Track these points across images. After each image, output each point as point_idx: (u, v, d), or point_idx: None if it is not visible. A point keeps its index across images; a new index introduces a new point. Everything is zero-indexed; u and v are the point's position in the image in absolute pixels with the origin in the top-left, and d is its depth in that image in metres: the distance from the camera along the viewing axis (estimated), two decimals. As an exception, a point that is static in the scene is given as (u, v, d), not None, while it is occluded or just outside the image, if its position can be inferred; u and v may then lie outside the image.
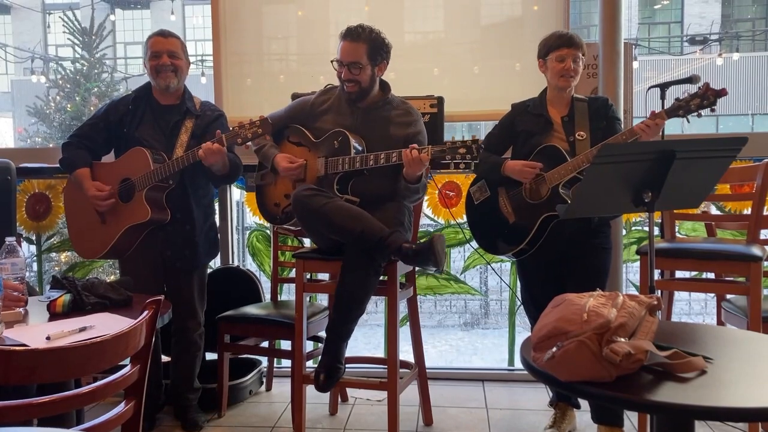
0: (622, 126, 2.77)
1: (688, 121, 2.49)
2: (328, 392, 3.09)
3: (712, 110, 2.46)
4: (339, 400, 3.18)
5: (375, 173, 2.66)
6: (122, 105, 2.93)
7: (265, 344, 3.32)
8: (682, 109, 2.46)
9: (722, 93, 2.42)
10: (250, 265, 3.76)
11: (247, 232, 3.88)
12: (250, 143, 2.73)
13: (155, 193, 2.75)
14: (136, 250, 2.85)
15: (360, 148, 2.69)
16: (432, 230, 3.56)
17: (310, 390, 2.77)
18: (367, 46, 2.67)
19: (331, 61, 2.73)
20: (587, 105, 2.74)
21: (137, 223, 2.75)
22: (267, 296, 3.43)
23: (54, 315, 2.04)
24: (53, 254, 3.25)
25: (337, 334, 2.59)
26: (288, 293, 3.81)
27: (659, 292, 2.83)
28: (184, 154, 2.71)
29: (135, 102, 2.91)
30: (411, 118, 2.77)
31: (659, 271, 2.90)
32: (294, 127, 2.87)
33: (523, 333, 3.48)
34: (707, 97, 2.43)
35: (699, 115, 2.46)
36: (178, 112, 2.87)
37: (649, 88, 2.79)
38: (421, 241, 2.53)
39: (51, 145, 11.38)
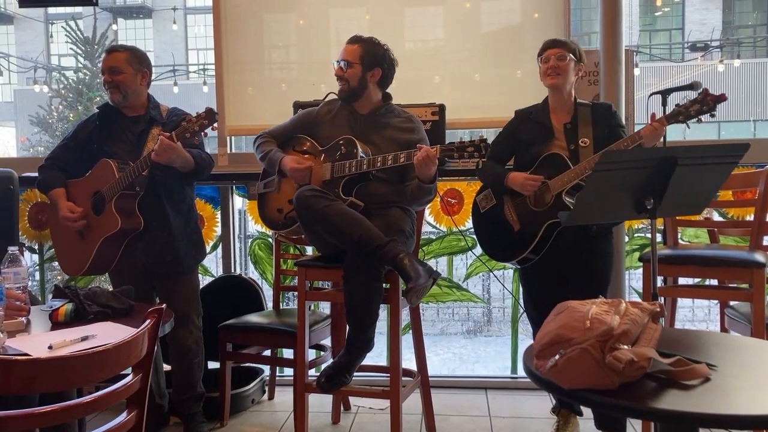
0: (626, 132, 2.77)
1: (688, 127, 2.51)
2: (331, 400, 3.10)
3: (712, 115, 2.47)
4: (341, 408, 3.18)
5: (380, 179, 2.67)
6: (89, 123, 2.98)
7: (267, 353, 3.31)
8: (682, 114, 2.48)
9: (721, 98, 2.44)
10: (252, 274, 3.76)
11: (249, 241, 3.88)
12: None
13: (124, 201, 2.75)
14: (121, 263, 2.85)
15: (366, 154, 2.70)
16: (434, 237, 3.56)
17: (312, 399, 2.77)
18: (361, 49, 2.77)
19: (333, 63, 2.82)
20: (590, 110, 2.74)
21: (110, 234, 2.74)
22: (269, 304, 3.42)
23: (56, 324, 2.04)
24: (56, 263, 3.25)
25: (355, 345, 2.59)
26: (290, 301, 3.81)
27: (662, 298, 2.82)
28: (141, 158, 2.71)
29: (101, 117, 2.94)
30: (413, 124, 2.82)
31: (662, 277, 2.89)
32: (300, 137, 2.89)
33: (526, 340, 3.48)
34: (706, 103, 2.45)
35: (699, 121, 2.48)
36: (143, 121, 2.89)
37: (651, 95, 2.79)
38: (423, 264, 2.55)
39: (53, 155, 11.36)
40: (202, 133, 2.71)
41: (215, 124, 2.70)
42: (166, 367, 3.07)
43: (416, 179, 2.61)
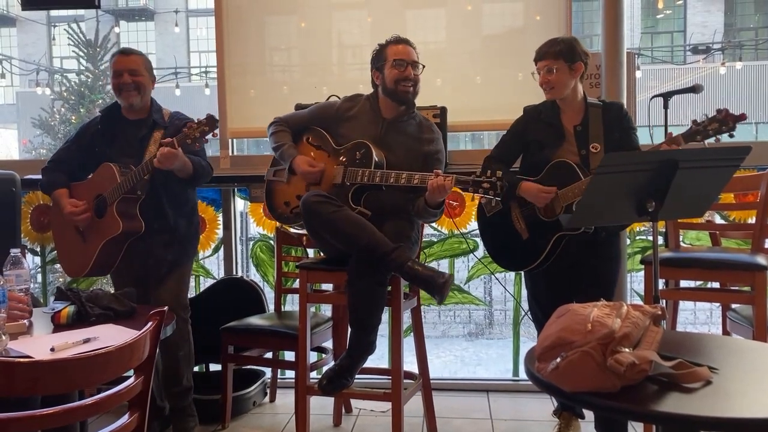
0: (637, 135, 2.70)
1: (705, 145, 2.44)
2: (332, 403, 3.10)
3: (731, 136, 2.39)
4: (343, 411, 3.18)
5: (390, 187, 2.67)
6: (92, 126, 3.00)
7: (268, 355, 3.32)
8: (699, 134, 2.40)
9: (741, 118, 2.35)
10: (254, 276, 3.76)
11: (251, 243, 3.88)
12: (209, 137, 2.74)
13: (125, 204, 2.76)
14: (123, 264, 2.86)
15: (380, 162, 2.69)
16: (435, 240, 3.56)
17: (313, 401, 2.77)
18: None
19: (393, 60, 2.74)
20: (601, 111, 2.67)
21: (112, 237, 2.75)
22: (271, 307, 3.43)
23: (58, 326, 2.05)
24: (57, 266, 3.26)
25: (357, 348, 2.59)
26: (292, 304, 3.81)
27: (663, 301, 2.82)
28: (143, 163, 2.72)
29: (103, 121, 2.96)
30: (433, 135, 2.82)
31: (663, 280, 2.89)
32: (316, 129, 2.88)
33: (527, 343, 3.47)
34: (726, 122, 2.37)
35: (717, 140, 2.39)
36: (145, 125, 2.90)
37: (652, 98, 2.78)
38: (432, 267, 2.54)
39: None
40: (203, 139, 2.72)
41: (216, 131, 2.71)
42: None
43: (424, 199, 2.60)
